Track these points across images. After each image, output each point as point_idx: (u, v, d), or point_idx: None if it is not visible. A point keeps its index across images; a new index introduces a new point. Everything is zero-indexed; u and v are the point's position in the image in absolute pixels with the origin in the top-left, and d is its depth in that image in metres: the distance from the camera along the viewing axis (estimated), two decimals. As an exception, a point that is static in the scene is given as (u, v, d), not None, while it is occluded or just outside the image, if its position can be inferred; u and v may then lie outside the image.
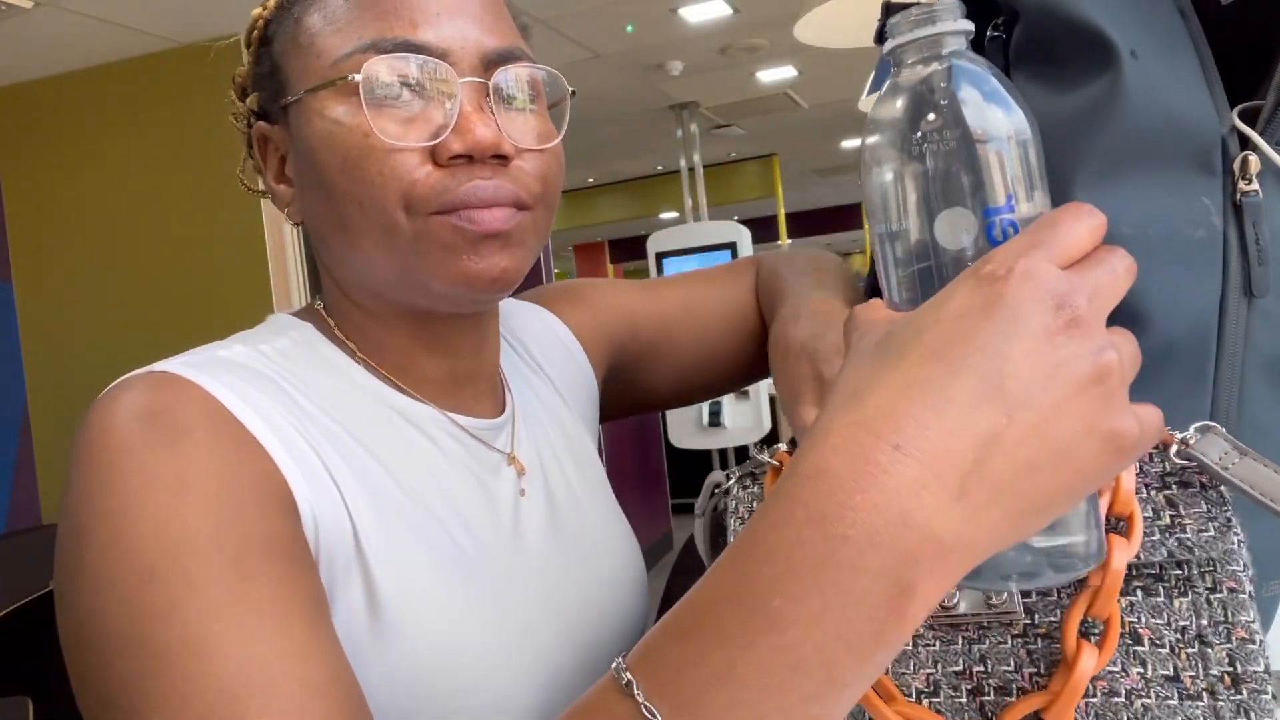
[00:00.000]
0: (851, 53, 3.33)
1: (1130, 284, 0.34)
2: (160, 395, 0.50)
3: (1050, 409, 0.31)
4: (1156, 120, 0.47)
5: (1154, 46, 0.48)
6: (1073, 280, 0.32)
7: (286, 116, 0.59)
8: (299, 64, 0.58)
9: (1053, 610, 0.40)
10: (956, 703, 0.40)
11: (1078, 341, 0.32)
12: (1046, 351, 0.31)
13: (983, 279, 0.33)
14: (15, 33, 3.11)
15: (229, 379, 0.52)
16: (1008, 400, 0.31)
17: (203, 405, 0.50)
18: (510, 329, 0.76)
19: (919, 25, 0.37)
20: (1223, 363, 0.46)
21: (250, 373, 0.54)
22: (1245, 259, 0.46)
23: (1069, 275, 0.33)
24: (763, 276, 0.79)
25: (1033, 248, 0.33)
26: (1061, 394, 0.31)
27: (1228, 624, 0.38)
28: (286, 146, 0.61)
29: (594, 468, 0.74)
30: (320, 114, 0.56)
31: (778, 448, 0.48)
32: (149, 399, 0.50)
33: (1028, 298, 0.32)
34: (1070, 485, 0.32)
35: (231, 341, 0.59)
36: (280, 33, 0.60)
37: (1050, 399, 0.31)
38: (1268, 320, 0.47)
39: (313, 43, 0.57)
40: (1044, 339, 0.32)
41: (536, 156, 0.58)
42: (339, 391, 0.58)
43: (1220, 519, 0.39)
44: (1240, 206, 0.46)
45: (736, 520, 0.46)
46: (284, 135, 0.60)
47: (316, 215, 0.59)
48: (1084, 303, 0.32)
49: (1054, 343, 0.31)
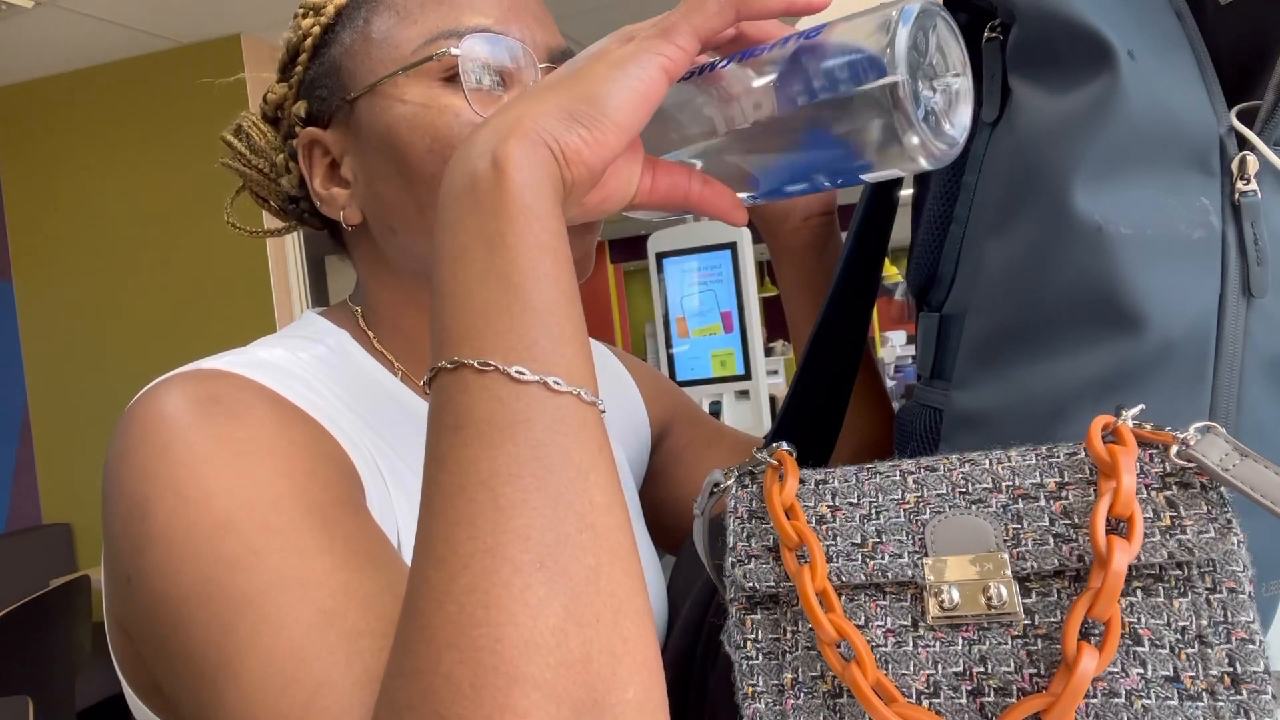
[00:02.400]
0: (851, 52, 3.32)
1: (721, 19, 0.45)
2: (213, 384, 0.50)
3: (585, 57, 0.45)
4: (1154, 121, 0.47)
5: (1151, 47, 0.48)
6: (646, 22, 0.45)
7: (351, 114, 0.60)
8: (370, 58, 0.59)
9: (1053, 611, 0.40)
10: (956, 704, 0.40)
11: (621, 37, 0.45)
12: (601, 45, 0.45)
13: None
14: (15, 33, 3.11)
15: (275, 376, 0.52)
16: (568, 67, 0.45)
17: (260, 391, 0.50)
18: None
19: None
20: (1221, 363, 0.46)
21: (292, 376, 0.54)
22: (1244, 259, 0.46)
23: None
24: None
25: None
26: (597, 48, 0.45)
27: (1227, 624, 0.38)
28: (343, 147, 0.61)
29: (627, 492, 0.74)
30: (401, 99, 0.57)
31: (777, 447, 0.48)
32: (202, 388, 0.49)
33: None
34: (597, 70, 0.43)
35: (269, 344, 0.58)
36: (344, 34, 0.60)
37: (588, 55, 0.45)
38: (1267, 320, 0.47)
39: (387, 36, 0.58)
40: (605, 42, 0.45)
41: None
42: (377, 404, 0.58)
43: (1220, 520, 0.39)
44: (1239, 206, 0.46)
45: (736, 520, 0.46)
46: (341, 135, 0.61)
47: (388, 207, 0.60)
48: (642, 26, 0.45)
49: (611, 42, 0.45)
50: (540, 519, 0.36)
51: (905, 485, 0.44)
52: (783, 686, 0.43)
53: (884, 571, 0.42)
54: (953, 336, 0.57)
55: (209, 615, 0.42)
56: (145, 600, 0.44)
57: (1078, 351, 0.47)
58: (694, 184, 0.50)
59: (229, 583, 0.42)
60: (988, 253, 0.52)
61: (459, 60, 0.56)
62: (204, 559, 0.43)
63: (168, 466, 0.45)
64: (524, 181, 0.41)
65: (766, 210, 0.72)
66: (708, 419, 0.86)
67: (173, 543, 0.43)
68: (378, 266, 0.64)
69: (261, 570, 0.42)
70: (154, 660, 0.45)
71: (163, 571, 0.43)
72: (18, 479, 3.63)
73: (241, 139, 0.68)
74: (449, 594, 0.35)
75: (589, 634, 0.35)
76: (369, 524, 0.47)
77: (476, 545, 0.35)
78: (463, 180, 0.42)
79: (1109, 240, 0.46)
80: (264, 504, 0.44)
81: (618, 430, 0.77)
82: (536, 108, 0.42)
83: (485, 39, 0.57)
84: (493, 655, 0.34)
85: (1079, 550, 0.40)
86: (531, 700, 0.33)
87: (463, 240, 0.41)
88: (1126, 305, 0.46)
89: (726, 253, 3.40)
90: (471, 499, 0.36)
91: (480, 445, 0.37)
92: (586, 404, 0.39)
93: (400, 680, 0.36)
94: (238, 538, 0.43)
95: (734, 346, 3.39)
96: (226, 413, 0.48)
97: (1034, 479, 0.42)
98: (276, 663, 0.40)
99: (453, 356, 0.39)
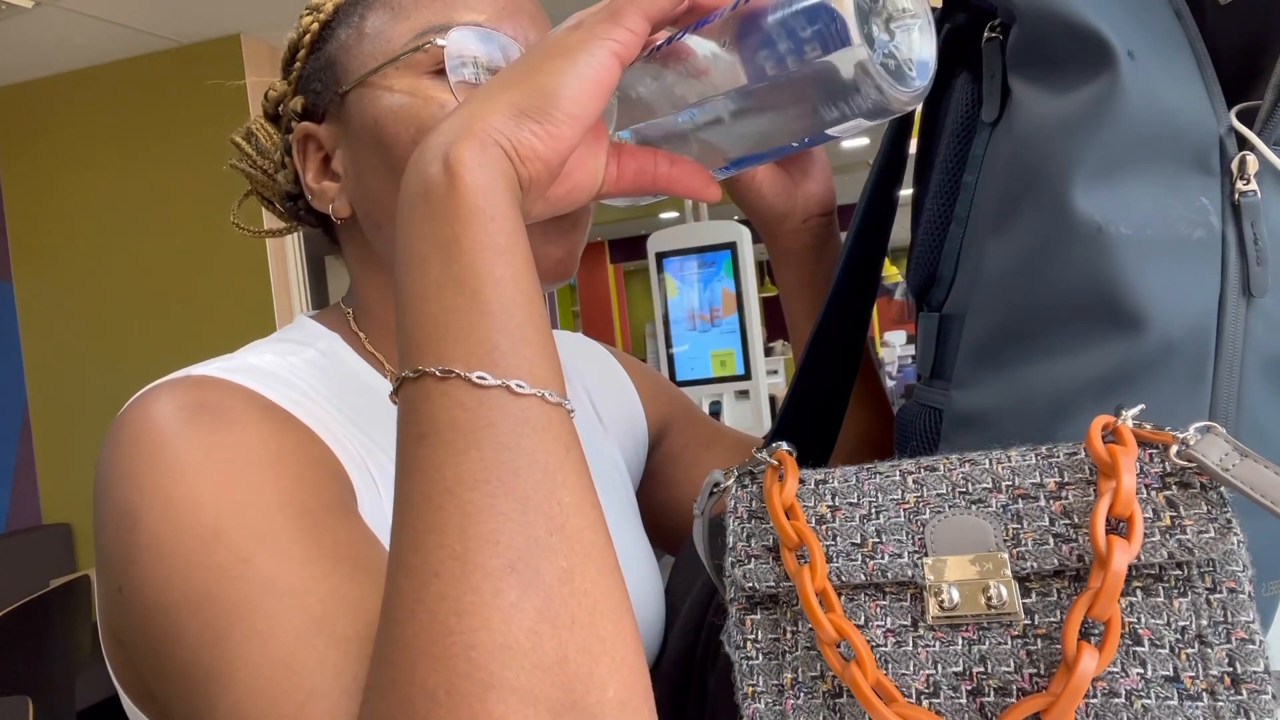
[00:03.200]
0: (851, 52, 3.32)
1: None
2: (202, 391, 0.50)
3: (535, 48, 0.45)
4: (1154, 121, 0.47)
5: (1151, 47, 0.48)
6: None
7: (342, 107, 0.60)
8: (362, 52, 0.60)
9: (1053, 611, 0.40)
10: (956, 704, 0.40)
11: (570, 25, 0.45)
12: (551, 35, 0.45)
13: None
14: (15, 33, 3.10)
15: (267, 381, 0.52)
16: (520, 61, 0.45)
17: (249, 398, 0.50)
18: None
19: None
20: (1221, 363, 0.46)
21: (282, 381, 0.54)
22: (1244, 259, 0.46)
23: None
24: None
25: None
26: (548, 38, 0.45)
27: (1227, 624, 0.38)
28: (335, 140, 0.62)
29: (622, 490, 0.74)
30: (389, 90, 0.57)
31: (777, 447, 0.48)
32: (192, 394, 0.49)
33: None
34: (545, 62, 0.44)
35: (259, 349, 0.58)
36: (340, 30, 0.61)
37: (538, 46, 0.45)
38: (1267, 320, 0.47)
39: (380, 31, 0.59)
40: (555, 31, 0.45)
41: None
42: (368, 406, 0.58)
43: (1220, 520, 0.39)
44: (1238, 206, 0.46)
45: (736, 520, 0.46)
46: (333, 129, 0.61)
47: (375, 199, 0.60)
48: (590, 12, 0.45)
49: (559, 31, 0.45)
50: (509, 523, 0.36)
51: (905, 485, 0.44)
52: (783, 686, 0.43)
53: (884, 571, 0.42)
54: (953, 336, 0.57)
55: (200, 625, 0.41)
56: (137, 610, 0.44)
57: (1078, 351, 0.47)
58: (661, 165, 0.49)
59: (219, 592, 0.42)
60: (988, 253, 0.52)
61: (444, 52, 0.56)
62: (193, 568, 0.42)
63: (156, 475, 0.45)
64: (476, 184, 0.40)
65: (765, 211, 0.72)
66: (706, 420, 0.86)
67: (162, 553, 0.43)
68: (368, 264, 0.64)
69: (251, 579, 0.42)
70: (147, 668, 0.45)
71: (153, 581, 0.43)
72: (18, 479, 3.63)
73: (250, 141, 0.68)
74: (421, 603, 0.35)
75: (564, 635, 0.35)
76: (359, 529, 0.47)
77: (446, 552, 0.35)
78: (417, 187, 0.42)
79: (1109, 240, 0.46)
80: (253, 511, 0.44)
81: (615, 431, 0.77)
82: (486, 107, 0.42)
83: (474, 33, 0.57)
84: (467, 662, 0.33)
85: (1079, 550, 0.40)
86: (508, 705, 0.33)
87: (419, 249, 0.41)
88: (1126, 305, 0.46)
89: (726, 253, 3.40)
90: (439, 507, 0.36)
91: (445, 452, 0.37)
92: (552, 405, 0.39)
93: (378, 692, 0.35)
94: (227, 546, 0.43)
95: (734, 346, 3.39)
96: (215, 420, 0.47)
97: (1034, 479, 0.42)
98: (266, 673, 0.39)
99: (415, 366, 0.39)
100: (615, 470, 0.74)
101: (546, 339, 0.41)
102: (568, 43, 0.44)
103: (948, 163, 0.60)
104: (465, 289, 0.39)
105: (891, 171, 0.65)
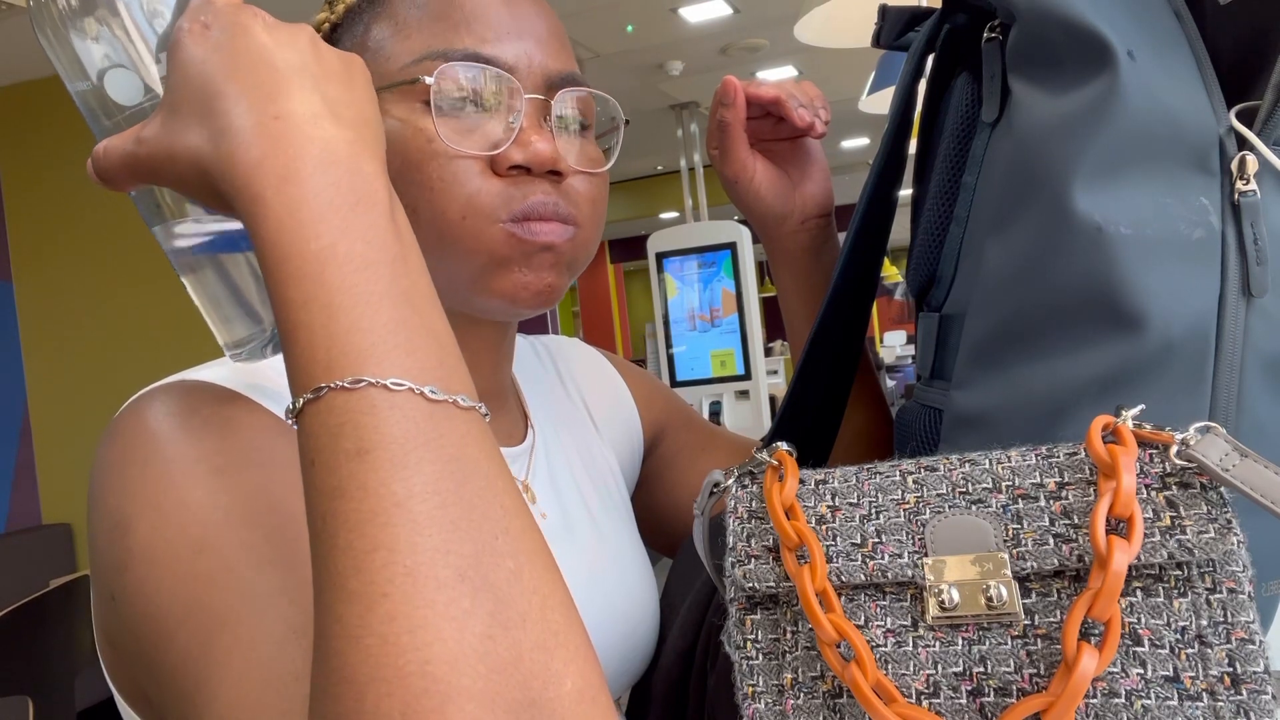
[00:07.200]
0: (852, 53, 3.33)
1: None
2: (194, 397, 0.50)
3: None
4: (1154, 121, 0.47)
5: (1151, 47, 0.48)
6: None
7: None
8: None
9: (1053, 611, 0.40)
10: (956, 704, 0.40)
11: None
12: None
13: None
14: (15, 33, 3.10)
15: (261, 387, 0.52)
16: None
17: (240, 403, 0.50)
18: (553, 355, 0.78)
19: None
20: (1221, 363, 0.46)
21: (273, 385, 0.54)
22: (1244, 259, 0.46)
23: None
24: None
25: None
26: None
27: (1227, 624, 0.38)
28: None
29: (617, 494, 0.74)
30: (384, 113, 0.56)
31: (777, 447, 0.48)
32: (183, 401, 0.49)
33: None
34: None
35: None
36: (344, 38, 0.60)
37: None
38: (1266, 320, 0.47)
39: (381, 47, 0.58)
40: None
41: (587, 179, 0.59)
42: None
43: (1220, 520, 0.39)
44: (1238, 206, 0.46)
45: (736, 520, 0.46)
46: None
47: None
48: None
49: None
50: (458, 532, 0.35)
51: (905, 485, 0.44)
52: (783, 686, 0.43)
53: (884, 571, 0.42)
54: (953, 336, 0.57)
55: (187, 635, 0.41)
56: (128, 617, 0.44)
57: (1077, 351, 0.47)
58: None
59: (206, 600, 0.41)
60: (987, 253, 0.52)
61: (430, 90, 0.55)
62: (182, 577, 0.42)
63: (148, 482, 0.45)
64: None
65: (763, 212, 0.72)
66: (703, 423, 0.86)
67: (153, 560, 0.43)
68: None
69: (236, 587, 0.41)
70: (140, 674, 0.45)
71: (144, 589, 0.43)
72: (18, 479, 3.63)
73: None
74: (367, 627, 0.33)
75: (516, 635, 0.34)
76: None
77: (395, 570, 0.34)
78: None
79: (1109, 240, 0.46)
80: (240, 519, 0.44)
81: (609, 435, 0.77)
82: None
83: (464, 68, 0.56)
84: (423, 678, 0.32)
85: (1079, 550, 0.40)
86: (466, 712, 0.32)
87: (368, 255, 0.40)
88: (1126, 305, 0.46)
89: (726, 253, 3.40)
90: (386, 524, 0.35)
91: (392, 467, 0.35)
92: (482, 416, 0.39)
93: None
94: (214, 554, 0.42)
95: (734, 346, 3.39)
96: (206, 426, 0.47)
97: (1034, 479, 0.42)
98: (246, 688, 0.39)
99: (355, 375, 0.36)
100: (610, 474, 0.74)
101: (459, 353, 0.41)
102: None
103: (947, 163, 0.60)
104: (411, 303, 0.39)
105: (891, 172, 0.65)
